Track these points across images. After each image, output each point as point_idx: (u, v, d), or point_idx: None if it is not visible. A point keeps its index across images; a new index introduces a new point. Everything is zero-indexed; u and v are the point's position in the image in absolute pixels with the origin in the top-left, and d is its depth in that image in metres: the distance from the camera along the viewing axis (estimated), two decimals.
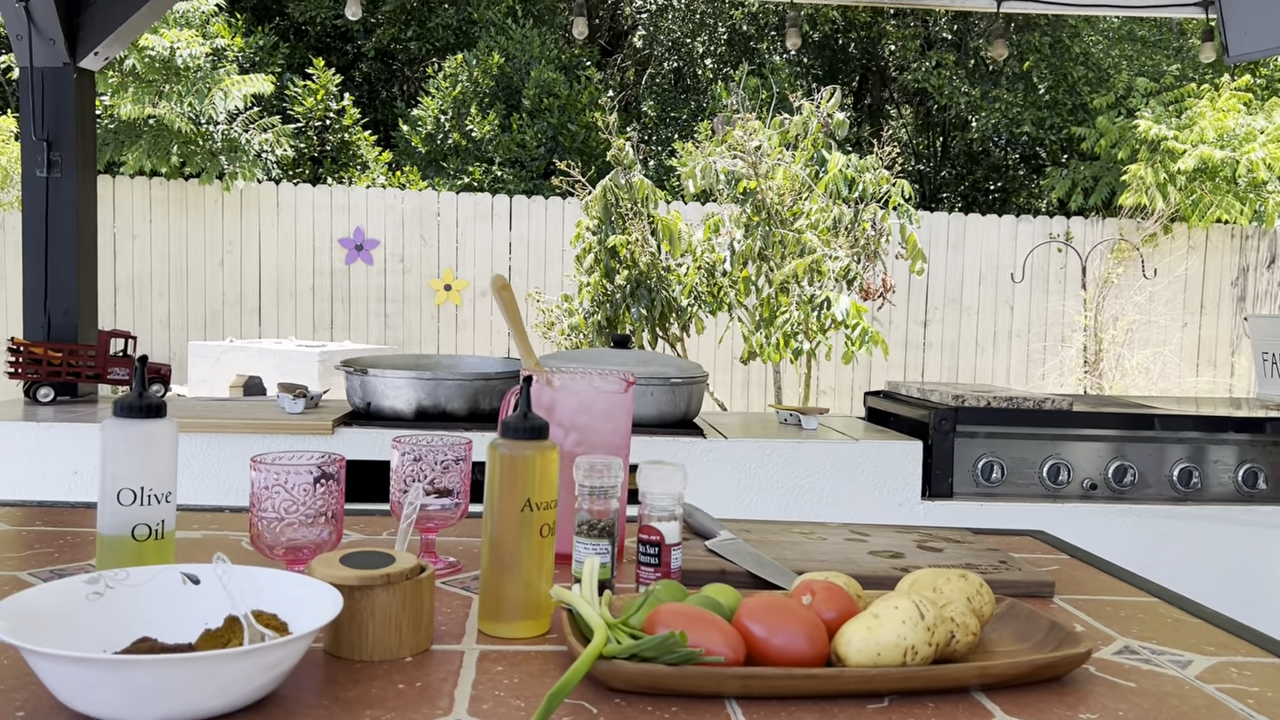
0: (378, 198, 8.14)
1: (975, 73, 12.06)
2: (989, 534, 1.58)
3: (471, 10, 11.63)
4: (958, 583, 1.02)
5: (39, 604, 0.85)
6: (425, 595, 0.95)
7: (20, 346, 2.89)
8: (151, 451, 1.04)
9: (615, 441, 1.32)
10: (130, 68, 7.60)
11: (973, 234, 8.55)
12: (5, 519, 1.40)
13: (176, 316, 7.91)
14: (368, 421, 2.68)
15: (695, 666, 0.86)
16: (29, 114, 3.03)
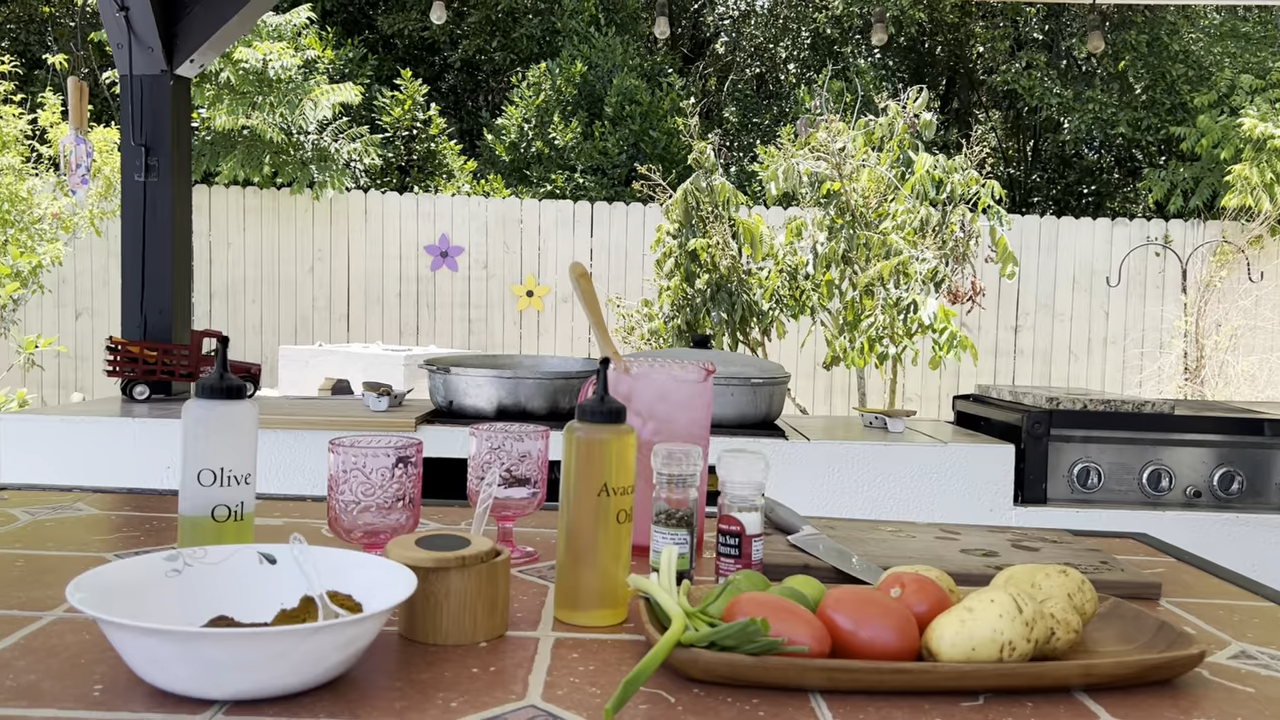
0: (462, 205, 8.24)
1: (1067, 74, 11.74)
2: (1088, 536, 1.51)
3: (555, 20, 11.73)
4: (1058, 578, 0.96)
5: (118, 580, 0.86)
6: (500, 580, 0.94)
7: (118, 346, 2.98)
8: (232, 433, 1.05)
9: (694, 432, 1.29)
10: (225, 80, 7.84)
11: (1065, 238, 8.31)
12: (95, 504, 1.43)
13: (268, 321, 8.12)
14: (450, 419, 2.69)
15: (777, 657, 0.82)
16: (128, 120, 3.12)
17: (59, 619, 0.94)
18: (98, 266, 7.79)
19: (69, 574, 1.07)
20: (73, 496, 1.47)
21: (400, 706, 0.77)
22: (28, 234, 6.16)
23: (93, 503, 1.44)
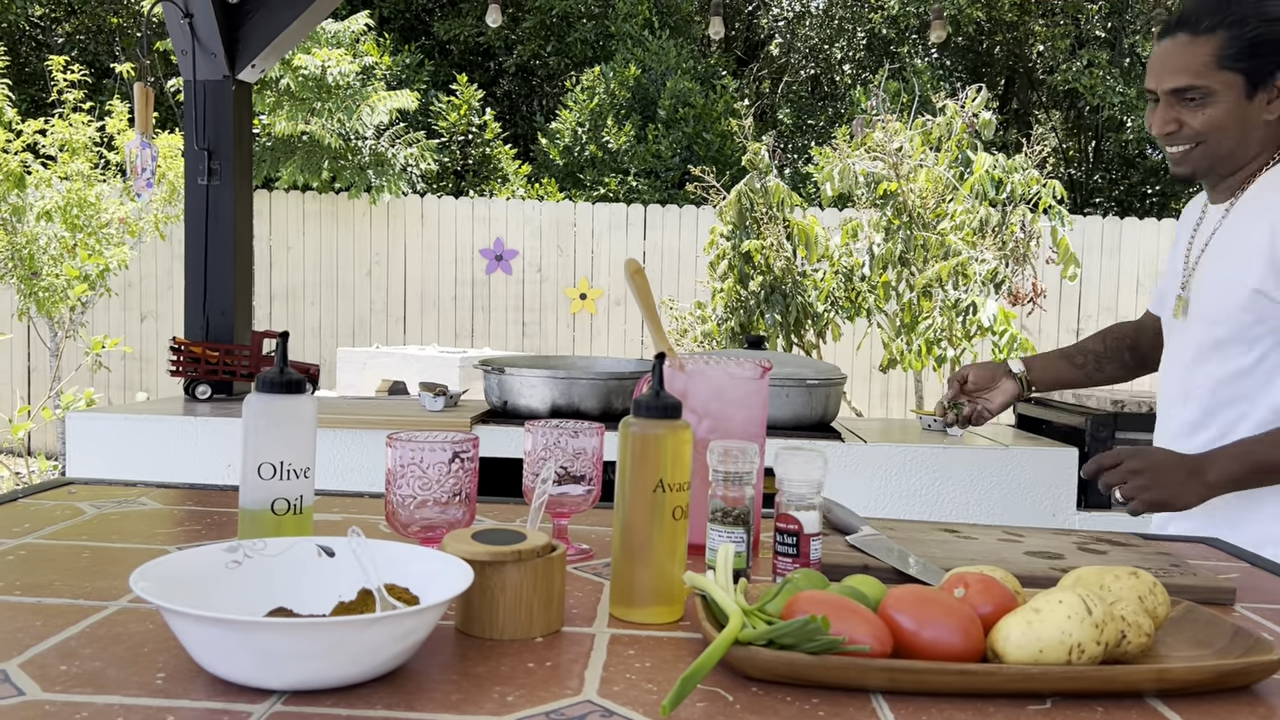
0: (517, 209, 8.29)
1: (1130, 72, 11.50)
2: (1157, 540, 1.47)
3: (609, 24, 11.77)
4: (1128, 580, 0.93)
5: (180, 570, 0.87)
6: (556, 574, 0.93)
7: (181, 346, 3.04)
8: (291, 427, 1.06)
9: (750, 430, 1.27)
10: (285, 86, 7.97)
11: (1129, 239, 8.14)
12: (158, 499, 1.46)
13: (327, 324, 8.24)
14: (504, 419, 2.70)
15: (838, 656, 0.80)
16: (191, 125, 3.19)
17: (123, 608, 0.95)
18: (162, 270, 7.97)
19: (133, 565, 1.09)
20: (137, 491, 1.50)
21: (457, 699, 0.77)
22: (95, 238, 6.32)
23: (156, 497, 1.46)
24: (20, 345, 7.91)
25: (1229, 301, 1.58)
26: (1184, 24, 1.55)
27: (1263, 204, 1.57)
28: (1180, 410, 1.68)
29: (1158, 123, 1.59)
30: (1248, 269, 1.55)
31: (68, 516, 1.32)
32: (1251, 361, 1.57)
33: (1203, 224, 1.71)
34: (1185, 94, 1.55)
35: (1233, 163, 1.60)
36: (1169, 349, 1.76)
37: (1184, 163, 1.61)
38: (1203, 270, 1.66)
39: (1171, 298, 1.72)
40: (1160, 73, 1.57)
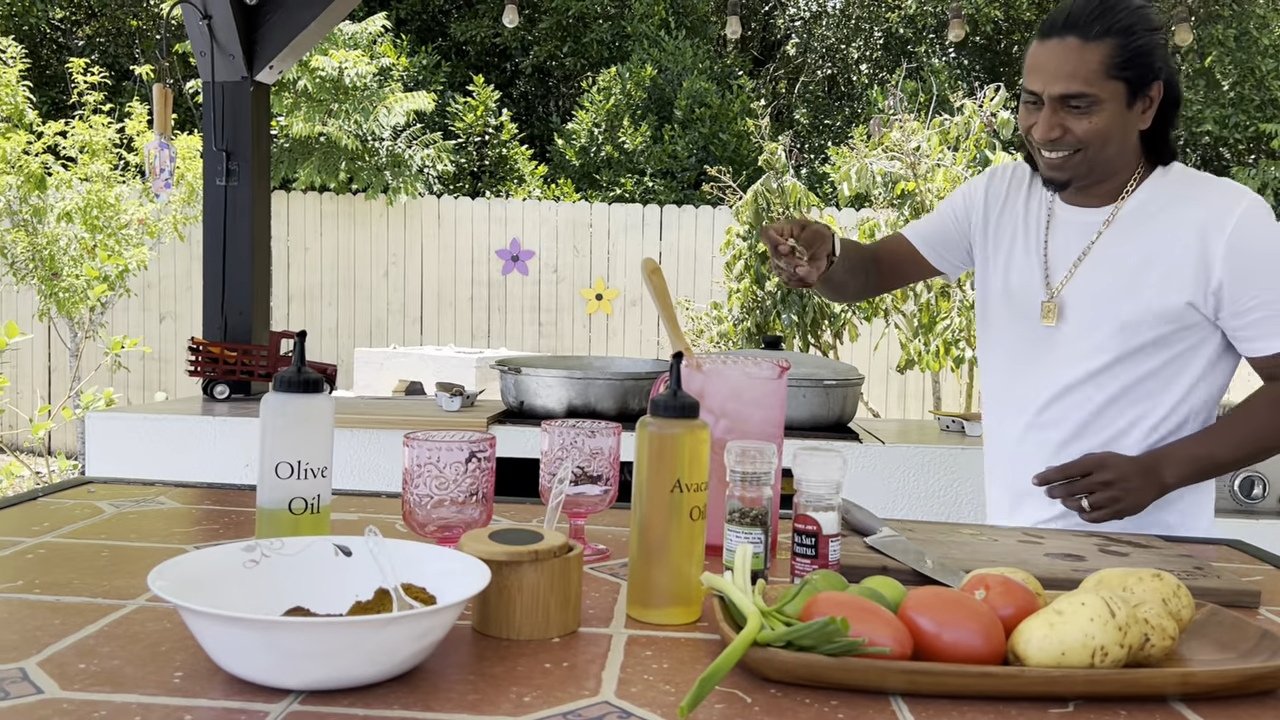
0: (533, 210, 8.30)
1: None
2: (1179, 541, 1.45)
3: (625, 24, 11.77)
4: (1151, 583, 0.92)
5: (197, 569, 0.87)
6: (573, 575, 0.93)
7: (199, 346, 3.05)
8: (309, 427, 1.06)
9: (768, 430, 1.26)
10: (302, 88, 8.01)
11: None
12: (176, 498, 1.46)
13: (344, 325, 8.27)
14: (521, 420, 2.70)
15: (857, 658, 0.80)
16: (210, 126, 3.20)
17: (141, 607, 0.96)
18: (180, 271, 8.01)
19: (151, 564, 1.09)
20: (156, 490, 1.50)
21: (473, 699, 0.77)
22: (115, 239, 6.36)
23: (175, 497, 1.47)
24: (41, 345, 7.97)
25: (1145, 313, 1.53)
26: (1073, 27, 1.48)
27: (1180, 215, 1.54)
28: (1048, 418, 1.61)
29: (1042, 128, 1.52)
30: (1174, 281, 1.52)
31: (87, 515, 1.32)
32: (1159, 364, 1.56)
33: (1057, 225, 1.63)
34: (1072, 100, 1.49)
35: (1107, 170, 1.57)
36: (1020, 351, 1.65)
37: (1063, 169, 1.55)
38: (1088, 279, 1.58)
39: (1035, 301, 1.62)
40: (1048, 76, 1.50)
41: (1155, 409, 1.57)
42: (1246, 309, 1.51)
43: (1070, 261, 1.61)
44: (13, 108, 6.53)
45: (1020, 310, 1.65)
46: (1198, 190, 1.56)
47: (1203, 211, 1.53)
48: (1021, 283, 1.66)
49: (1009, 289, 1.68)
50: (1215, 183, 1.58)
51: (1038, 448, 1.63)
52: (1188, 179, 1.59)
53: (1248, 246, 1.50)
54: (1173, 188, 1.58)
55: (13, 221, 6.26)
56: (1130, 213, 1.58)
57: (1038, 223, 1.67)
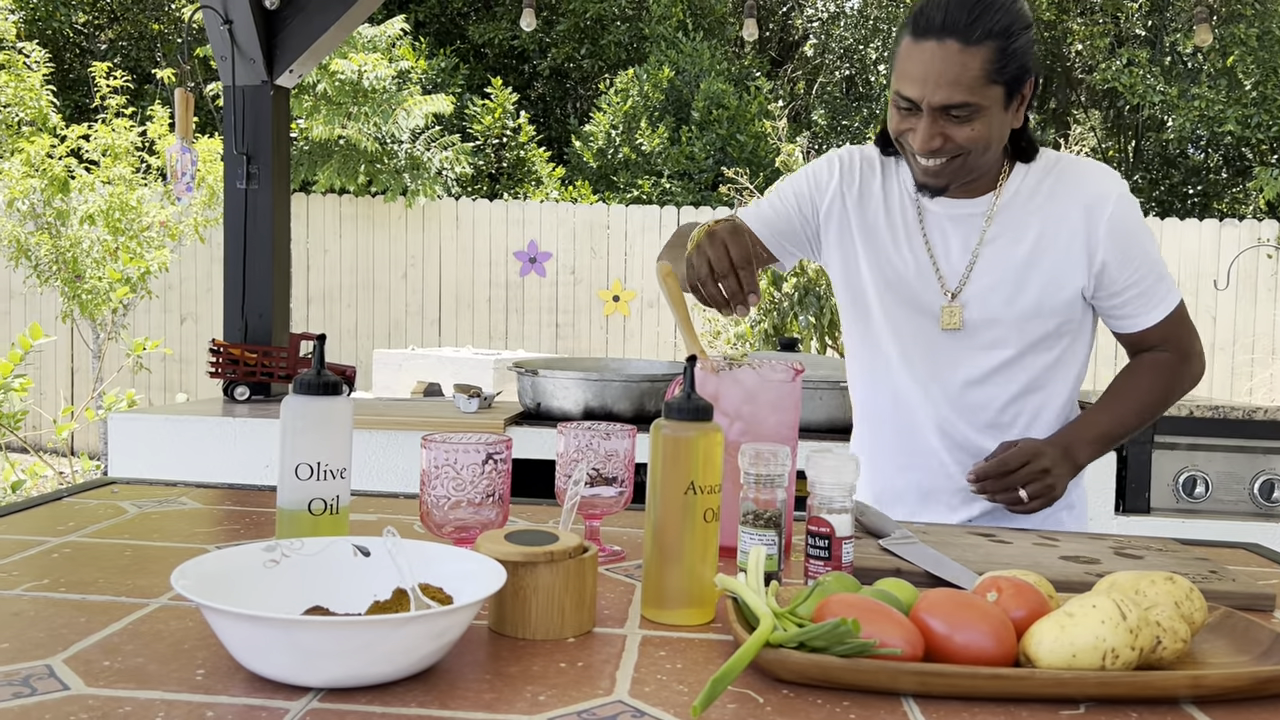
0: (550, 212, 8.33)
1: (1171, 70, 11.34)
2: (1196, 545, 1.45)
3: (643, 26, 11.78)
4: (1164, 586, 0.92)
5: (219, 569, 0.88)
6: (588, 575, 0.94)
7: (220, 348, 3.08)
8: (328, 428, 1.07)
9: (782, 433, 1.27)
10: (322, 91, 8.06)
11: (1170, 239, 8.02)
12: (198, 498, 1.48)
13: (363, 326, 8.31)
14: (537, 421, 2.72)
15: (869, 659, 0.80)
16: (231, 130, 3.23)
17: (164, 606, 0.97)
18: (201, 273, 8.08)
19: (173, 563, 1.11)
20: (177, 491, 1.52)
21: (490, 698, 0.78)
22: (137, 241, 6.42)
23: (196, 497, 1.49)
24: (64, 347, 8.06)
25: (1043, 305, 1.53)
26: (952, 30, 1.38)
27: (1060, 203, 1.54)
28: (959, 414, 1.58)
29: (921, 138, 1.44)
30: (1066, 269, 1.53)
31: (110, 515, 1.34)
32: (1057, 354, 1.58)
33: (933, 219, 1.58)
34: (954, 109, 1.41)
35: (982, 170, 1.53)
36: (918, 350, 1.59)
37: (941, 175, 1.49)
38: (984, 278, 1.55)
39: (932, 304, 1.57)
40: (929, 84, 1.40)
41: (1056, 397, 1.60)
42: (1123, 288, 1.56)
43: (959, 260, 1.56)
44: (37, 111, 6.61)
45: (914, 310, 1.58)
46: (1070, 176, 1.56)
47: (1081, 196, 1.54)
48: (908, 282, 1.58)
49: (892, 285, 1.59)
50: (1084, 166, 1.58)
51: (951, 445, 1.59)
52: (1056, 165, 1.58)
53: (1126, 227, 1.53)
54: (1044, 175, 1.57)
55: (36, 224, 6.33)
56: (1008, 204, 1.56)
57: (907, 216, 1.60)
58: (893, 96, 1.47)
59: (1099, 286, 1.56)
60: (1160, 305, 1.59)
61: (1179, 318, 1.61)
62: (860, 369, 1.69)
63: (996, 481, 1.52)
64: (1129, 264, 1.54)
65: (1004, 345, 1.56)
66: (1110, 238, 1.52)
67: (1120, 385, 1.63)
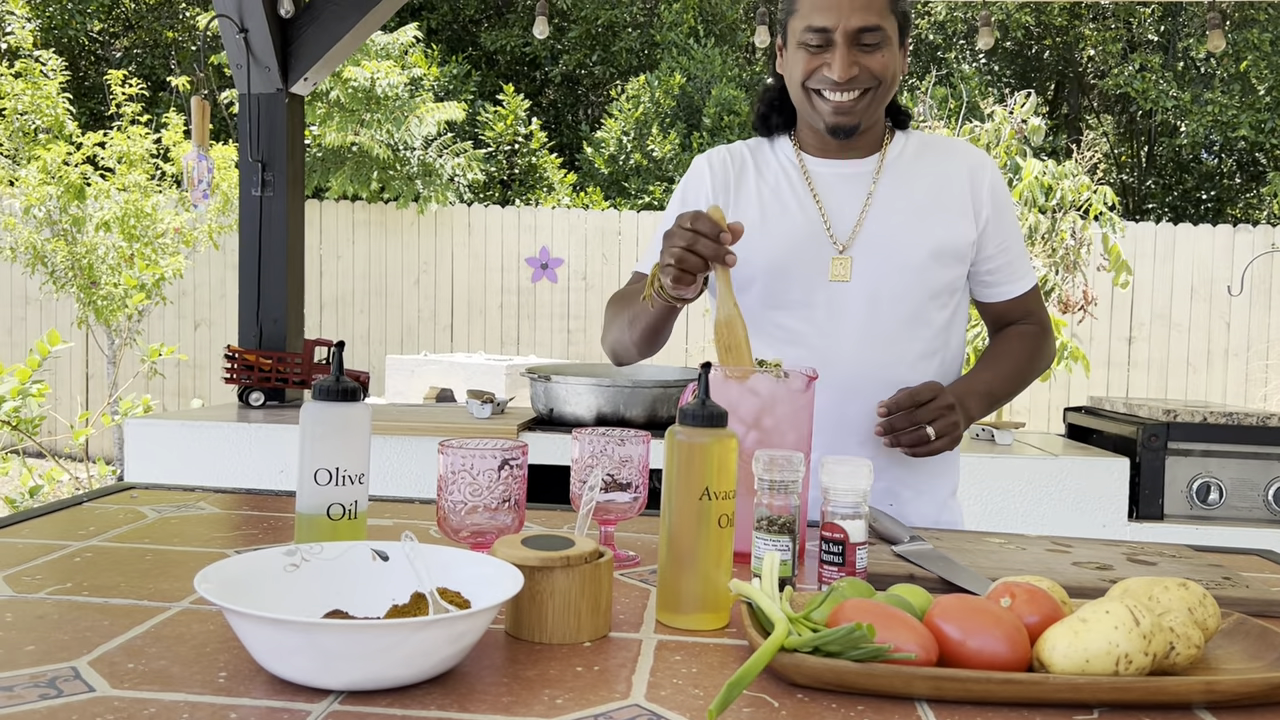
0: (562, 218, 8.35)
1: (1184, 75, 11.31)
2: (1209, 551, 1.45)
3: (654, 33, 11.81)
4: (1177, 592, 0.93)
5: (240, 573, 0.89)
6: (604, 580, 0.95)
7: (235, 354, 3.10)
8: (347, 434, 1.08)
9: (797, 440, 1.28)
10: (335, 99, 8.11)
11: (1183, 245, 7.99)
12: (215, 503, 1.49)
13: (376, 332, 8.35)
14: (550, 427, 2.73)
15: (883, 664, 0.81)
16: (246, 137, 3.26)
17: (185, 609, 0.98)
18: (215, 279, 8.13)
19: (194, 568, 1.12)
20: (196, 496, 1.54)
21: (507, 701, 0.79)
22: (152, 248, 6.47)
23: (214, 502, 1.50)
24: (79, 353, 8.11)
25: (938, 253, 1.55)
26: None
27: (946, 160, 1.60)
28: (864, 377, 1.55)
29: (840, 66, 1.45)
30: (957, 216, 1.57)
31: (130, 520, 1.36)
32: (949, 313, 1.61)
33: (824, 181, 1.58)
34: (866, 34, 1.45)
35: (877, 120, 1.57)
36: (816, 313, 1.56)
37: (852, 113, 1.50)
38: (875, 227, 1.55)
39: (820, 259, 1.55)
40: (845, 9, 1.44)
41: (952, 358, 1.63)
42: (995, 252, 1.62)
43: (850, 217, 1.57)
44: (53, 119, 6.66)
45: (805, 271, 1.56)
46: (951, 145, 1.65)
47: (965, 160, 1.61)
48: (798, 244, 1.56)
49: (779, 259, 1.57)
50: (959, 140, 1.67)
51: (859, 412, 1.56)
52: (931, 138, 1.66)
53: (1004, 194, 1.61)
54: (924, 145, 1.64)
55: (53, 231, 6.38)
56: (893, 164, 1.60)
57: (793, 183, 1.60)
58: (800, 38, 1.50)
59: (979, 248, 1.61)
60: (1025, 278, 1.67)
61: (1037, 295, 1.69)
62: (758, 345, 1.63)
63: (906, 415, 1.48)
64: (1003, 229, 1.62)
65: (902, 299, 1.56)
66: (992, 199, 1.60)
67: (997, 349, 1.68)
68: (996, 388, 1.62)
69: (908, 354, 1.57)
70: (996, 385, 1.62)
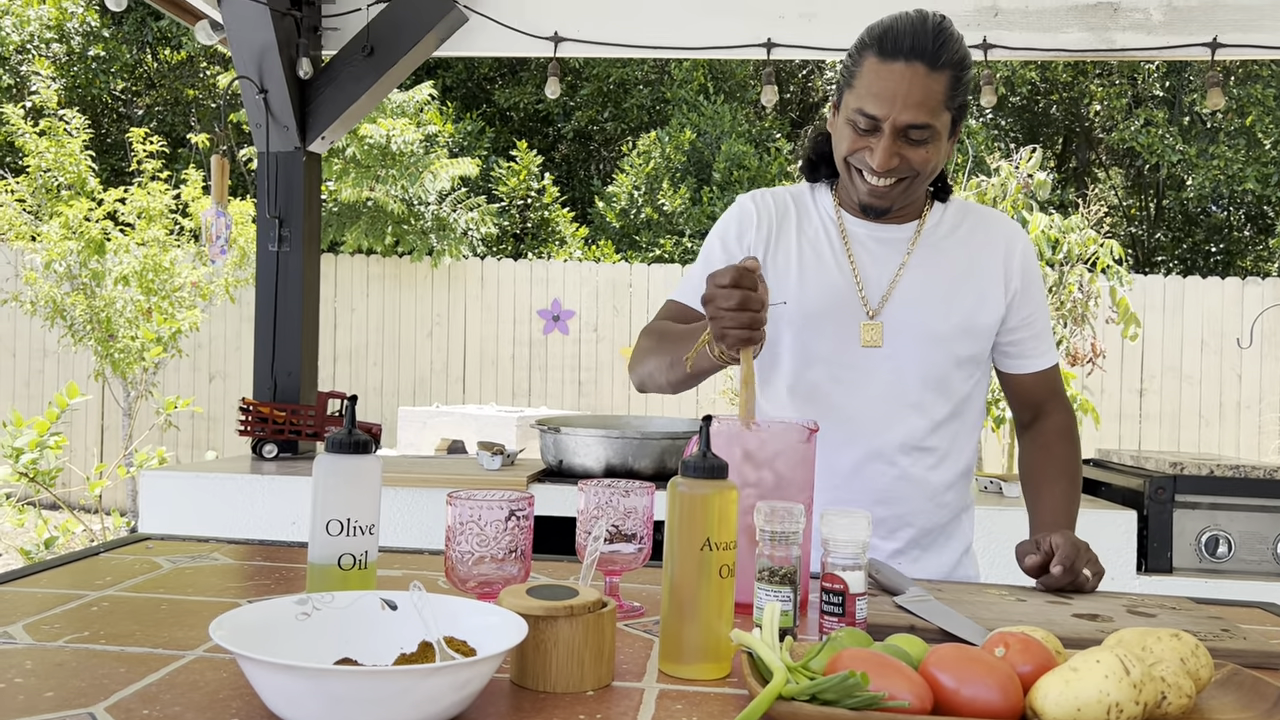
0: (574, 271, 8.44)
1: (1190, 130, 11.41)
2: (1211, 604, 1.46)
3: (665, 90, 12.00)
4: (1170, 642, 0.94)
5: (253, 621, 0.92)
6: (607, 629, 0.97)
7: (250, 406, 3.15)
8: (358, 485, 1.11)
9: (797, 491, 1.30)
10: (351, 155, 8.25)
11: (1192, 298, 8.01)
12: (228, 554, 1.52)
13: (389, 384, 8.41)
14: (559, 478, 2.75)
15: (878, 712, 0.83)
16: (264, 194, 3.33)
17: (199, 657, 1.01)
18: (231, 332, 8.22)
19: (208, 617, 1.15)
20: (209, 547, 1.57)
21: None
22: (169, 302, 6.56)
23: (227, 553, 1.53)
24: (95, 405, 8.18)
25: (965, 326, 1.58)
26: (920, 54, 1.43)
27: (982, 233, 1.63)
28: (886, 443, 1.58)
29: (881, 156, 1.47)
30: (989, 291, 1.60)
31: (146, 570, 1.39)
32: (971, 386, 1.62)
33: (860, 243, 1.61)
34: (914, 130, 1.46)
35: (916, 198, 1.60)
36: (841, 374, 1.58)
37: (887, 196, 1.53)
38: (907, 294, 1.57)
39: (851, 321, 1.57)
40: (899, 103, 1.44)
41: (971, 424, 1.65)
42: (1021, 324, 1.63)
43: (884, 281, 1.60)
44: (75, 176, 6.80)
45: (834, 331, 1.58)
46: (988, 216, 1.67)
47: (1000, 231, 1.64)
48: (831, 304, 1.59)
49: (812, 313, 1.59)
50: (996, 212, 1.69)
51: (876, 474, 1.58)
52: (968, 207, 1.68)
53: (1034, 266, 1.64)
54: (961, 214, 1.66)
55: (72, 285, 6.48)
56: (931, 233, 1.63)
57: (832, 240, 1.63)
58: (850, 115, 1.50)
59: (1006, 318, 1.63)
60: (1048, 354, 1.68)
61: (1059, 373, 1.70)
62: (773, 407, 1.65)
63: (1067, 575, 1.44)
64: (1030, 300, 1.64)
65: (928, 365, 1.58)
66: (1022, 270, 1.63)
67: (1044, 464, 1.67)
68: (1075, 507, 1.64)
69: (929, 419, 1.59)
70: (1075, 505, 1.64)
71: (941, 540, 1.65)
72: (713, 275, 1.32)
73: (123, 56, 11.22)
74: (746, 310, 1.29)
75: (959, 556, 1.68)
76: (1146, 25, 3.21)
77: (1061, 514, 1.61)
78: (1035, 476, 1.67)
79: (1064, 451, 1.67)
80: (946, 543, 1.66)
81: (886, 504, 1.60)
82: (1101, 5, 3.20)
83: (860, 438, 1.58)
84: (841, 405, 1.59)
